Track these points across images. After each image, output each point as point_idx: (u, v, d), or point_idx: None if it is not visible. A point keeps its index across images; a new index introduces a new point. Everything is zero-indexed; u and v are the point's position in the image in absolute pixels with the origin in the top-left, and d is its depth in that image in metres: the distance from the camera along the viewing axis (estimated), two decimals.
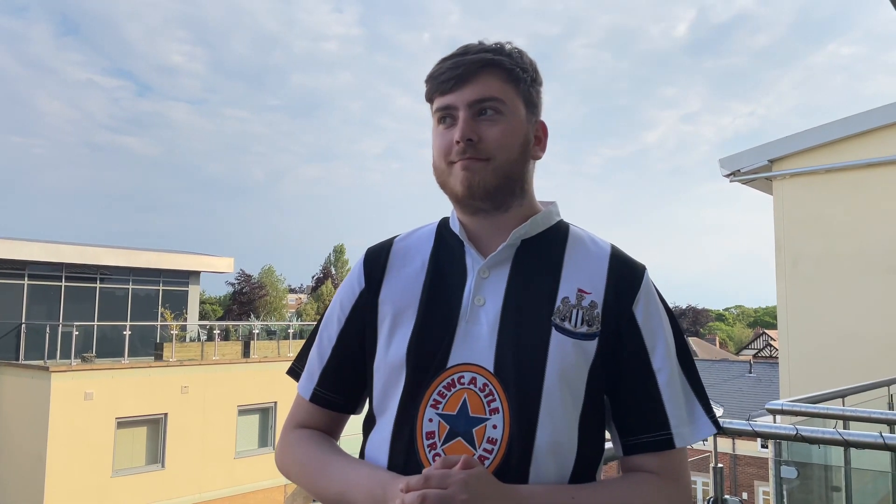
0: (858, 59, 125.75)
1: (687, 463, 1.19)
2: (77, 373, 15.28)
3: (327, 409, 1.27)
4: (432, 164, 1.22)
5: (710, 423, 1.17)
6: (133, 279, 20.55)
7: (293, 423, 1.29)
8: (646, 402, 1.14)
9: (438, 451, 1.09)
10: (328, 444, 1.24)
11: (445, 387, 1.11)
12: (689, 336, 61.05)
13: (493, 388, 1.10)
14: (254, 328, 20.31)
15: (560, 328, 1.12)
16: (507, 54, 1.18)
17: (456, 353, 1.12)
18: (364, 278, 1.25)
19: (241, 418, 17.97)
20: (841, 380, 5.41)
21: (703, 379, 1.21)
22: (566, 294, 1.15)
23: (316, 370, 1.27)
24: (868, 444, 2.57)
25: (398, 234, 1.30)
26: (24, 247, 18.06)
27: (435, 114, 1.20)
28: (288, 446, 1.26)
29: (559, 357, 1.10)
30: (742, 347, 59.60)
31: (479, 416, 1.09)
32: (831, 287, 7.43)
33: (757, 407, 20.96)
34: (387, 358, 1.17)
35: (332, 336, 1.26)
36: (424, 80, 1.21)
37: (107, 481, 15.40)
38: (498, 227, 1.19)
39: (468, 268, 1.19)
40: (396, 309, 1.19)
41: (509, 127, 1.16)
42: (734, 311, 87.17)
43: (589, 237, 1.24)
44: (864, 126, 7.33)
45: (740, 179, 8.13)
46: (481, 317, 1.14)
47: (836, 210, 7.55)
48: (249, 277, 47.22)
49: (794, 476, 3.38)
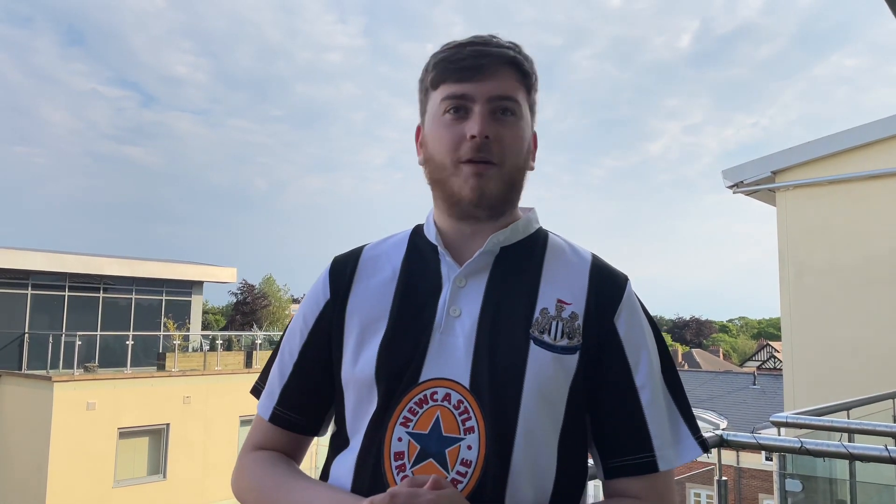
0: (861, 70, 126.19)
1: (673, 486, 1.12)
2: (79, 382, 15.27)
3: (288, 431, 1.17)
4: (427, 156, 1.12)
5: (697, 445, 1.10)
6: (136, 289, 20.57)
7: (251, 444, 1.19)
8: (628, 422, 1.06)
9: (407, 472, 1.00)
10: (286, 465, 1.14)
11: (417, 403, 1.02)
12: (692, 347, 60.84)
13: (469, 406, 1.01)
14: (256, 338, 20.27)
15: (539, 341, 1.04)
16: (524, 56, 1.12)
17: (429, 367, 1.04)
18: (329, 289, 1.16)
19: (243, 429, 17.91)
20: (846, 392, 5.39)
21: (706, 391, 1.19)
22: (545, 305, 1.07)
23: (276, 388, 1.17)
24: (873, 458, 2.55)
25: (367, 243, 1.22)
26: (27, 256, 18.10)
27: (444, 101, 1.09)
28: (244, 470, 1.16)
29: (537, 372, 1.02)
30: (746, 359, 59.35)
31: (453, 435, 1.00)
32: (835, 298, 7.40)
33: (761, 419, 20.87)
34: (354, 373, 1.08)
35: (294, 351, 1.16)
36: (431, 63, 1.12)
37: (108, 491, 15.35)
38: (480, 233, 1.11)
39: (443, 276, 1.10)
40: (365, 320, 1.10)
41: (521, 132, 1.10)
42: (738, 323, 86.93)
43: (569, 245, 1.17)
44: (867, 138, 7.33)
45: (743, 191, 8.12)
46: (457, 329, 1.06)
47: (840, 221, 7.54)
48: (252, 287, 47.22)
49: (798, 489, 3.36)
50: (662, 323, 72.06)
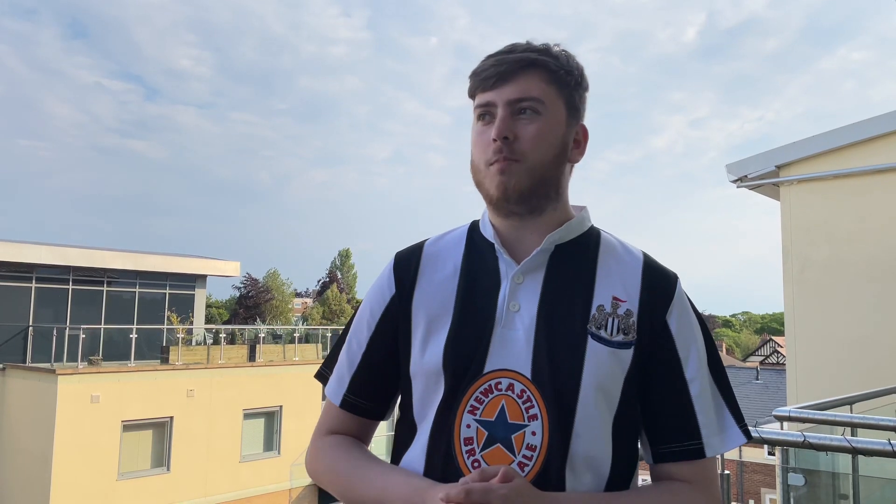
0: (868, 64, 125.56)
1: (717, 471, 1.21)
2: (83, 376, 15.34)
3: (357, 416, 1.26)
4: (470, 161, 1.21)
5: (741, 433, 1.18)
6: (140, 282, 20.62)
7: (324, 429, 1.28)
8: (677, 412, 1.14)
9: (477, 457, 1.08)
10: (361, 450, 1.23)
11: (482, 392, 1.10)
12: None
13: (532, 395, 1.09)
14: (260, 332, 20.32)
15: (596, 336, 1.11)
16: (553, 56, 1.18)
17: (492, 358, 1.11)
18: (395, 283, 1.23)
19: (246, 422, 17.99)
20: (849, 386, 5.39)
21: None
22: (601, 302, 1.14)
23: (346, 376, 1.26)
24: (876, 452, 2.55)
25: (427, 238, 1.30)
26: (31, 250, 18.15)
27: (475, 110, 1.19)
28: (319, 452, 1.25)
29: (595, 365, 1.10)
30: (749, 354, 59.33)
31: (518, 422, 1.08)
32: (839, 293, 7.39)
33: (764, 414, 20.86)
34: (423, 364, 1.16)
35: (363, 342, 1.25)
36: (468, 76, 1.21)
37: (112, 484, 15.43)
38: (531, 231, 1.18)
39: (501, 273, 1.17)
40: (430, 315, 1.18)
41: (546, 127, 1.15)
42: (741, 318, 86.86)
43: (621, 244, 1.23)
44: (873, 132, 7.30)
45: (747, 185, 8.10)
46: (517, 322, 1.13)
47: (845, 216, 7.52)
48: (255, 281, 47.32)
49: (801, 483, 3.36)
50: None
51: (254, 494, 17.58)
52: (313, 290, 58.64)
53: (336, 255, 57.43)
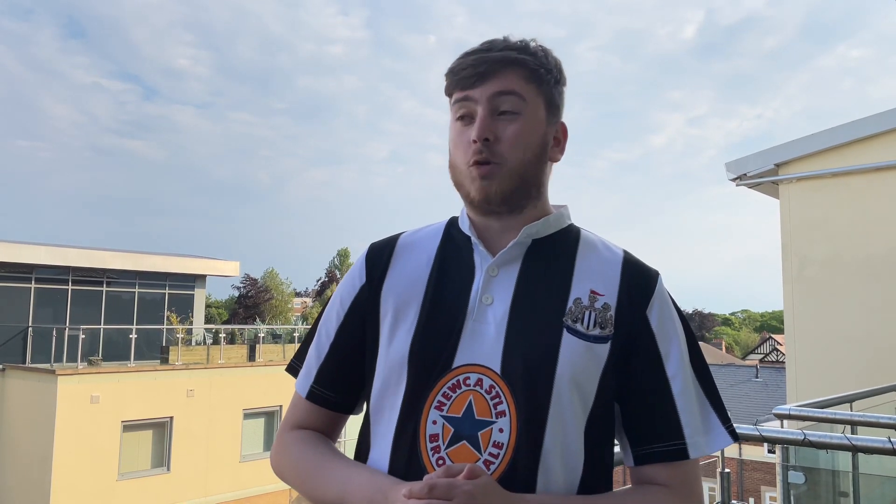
0: (867, 61, 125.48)
1: (699, 475, 1.14)
2: (83, 376, 15.32)
3: (325, 409, 1.22)
4: (449, 161, 1.18)
5: (727, 434, 1.13)
6: (139, 283, 20.61)
7: (290, 423, 1.24)
8: (659, 410, 1.09)
9: (442, 454, 1.04)
10: (325, 445, 1.19)
11: (450, 388, 1.07)
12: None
13: (500, 391, 1.05)
14: (259, 332, 20.32)
15: (571, 329, 1.08)
16: (531, 53, 1.15)
17: (462, 353, 1.08)
18: (366, 273, 1.20)
19: (246, 422, 17.99)
20: (849, 384, 5.40)
21: None
22: (578, 295, 1.10)
23: (313, 367, 1.22)
24: (876, 449, 2.55)
25: (404, 231, 1.27)
26: (30, 250, 18.14)
27: (453, 109, 1.16)
28: (284, 447, 1.21)
29: (570, 359, 1.06)
30: (748, 352, 59.35)
31: (485, 419, 1.05)
32: (838, 291, 7.40)
33: (764, 412, 20.87)
34: (388, 356, 1.12)
35: (331, 332, 1.21)
36: (445, 74, 1.17)
37: (112, 484, 15.42)
38: (509, 226, 1.15)
39: (476, 265, 1.14)
40: (399, 304, 1.14)
41: (527, 127, 1.13)
42: (740, 316, 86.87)
43: (601, 242, 1.20)
44: (871, 130, 7.31)
45: (747, 183, 8.11)
46: (489, 316, 1.09)
47: (843, 214, 7.53)
48: (255, 281, 47.30)
49: (801, 481, 3.36)
50: None
51: (254, 494, 17.57)
52: (312, 290, 58.59)
53: (335, 255, 57.41)
